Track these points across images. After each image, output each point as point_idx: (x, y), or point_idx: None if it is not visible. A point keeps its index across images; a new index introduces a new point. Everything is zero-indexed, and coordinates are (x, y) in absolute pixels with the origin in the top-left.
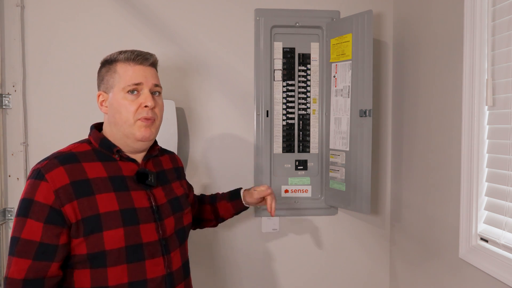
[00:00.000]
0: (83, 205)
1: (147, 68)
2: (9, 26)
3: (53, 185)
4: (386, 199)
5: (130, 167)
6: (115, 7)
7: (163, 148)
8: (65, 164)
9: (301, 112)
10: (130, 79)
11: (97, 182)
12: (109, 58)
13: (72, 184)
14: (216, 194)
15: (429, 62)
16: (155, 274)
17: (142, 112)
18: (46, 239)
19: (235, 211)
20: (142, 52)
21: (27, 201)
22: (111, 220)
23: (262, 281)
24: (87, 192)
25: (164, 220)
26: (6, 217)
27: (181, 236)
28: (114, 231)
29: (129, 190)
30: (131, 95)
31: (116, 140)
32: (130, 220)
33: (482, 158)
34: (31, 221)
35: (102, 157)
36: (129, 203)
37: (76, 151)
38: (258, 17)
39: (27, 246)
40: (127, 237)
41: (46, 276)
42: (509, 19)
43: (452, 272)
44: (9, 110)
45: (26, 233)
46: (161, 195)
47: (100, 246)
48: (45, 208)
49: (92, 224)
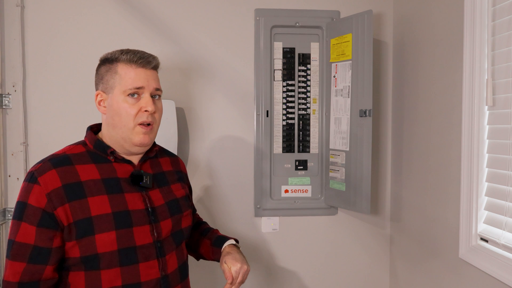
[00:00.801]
0: (74, 208)
1: (149, 71)
2: (9, 26)
3: (45, 188)
4: (386, 199)
5: (125, 168)
6: (115, 7)
7: (165, 149)
8: (57, 167)
9: (301, 112)
10: (132, 82)
11: (89, 185)
12: (109, 57)
13: (64, 187)
14: (209, 229)
15: (429, 62)
16: (149, 277)
17: (142, 116)
18: (39, 242)
19: (213, 257)
20: (144, 54)
21: (21, 204)
22: (103, 223)
23: (262, 281)
24: (79, 195)
25: (160, 222)
26: (6, 217)
27: (178, 239)
28: (105, 234)
29: (123, 192)
30: (132, 98)
31: (112, 141)
32: (123, 223)
33: (482, 158)
34: (25, 225)
35: (96, 158)
36: (122, 206)
37: (70, 153)
38: (258, 17)
39: (22, 249)
40: (119, 240)
41: (41, 279)
42: (509, 19)
43: (452, 272)
44: (9, 110)
45: (20, 236)
46: (158, 196)
47: (92, 249)
48: (37, 212)
49: (84, 227)
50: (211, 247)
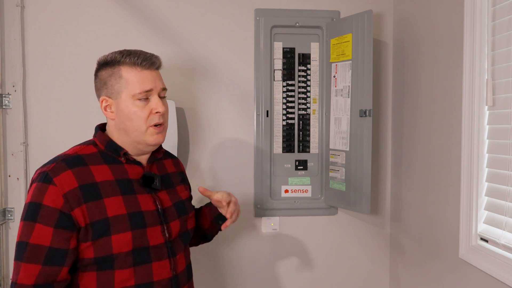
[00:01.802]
0: (91, 209)
1: (154, 72)
2: (9, 26)
3: (62, 189)
4: (386, 199)
5: (135, 170)
6: (115, 7)
7: (166, 151)
8: (73, 168)
9: (301, 112)
10: (140, 86)
11: (104, 186)
12: (109, 60)
13: (81, 188)
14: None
15: (429, 62)
16: (162, 276)
17: (154, 118)
18: (56, 243)
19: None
20: (147, 54)
21: (34, 205)
22: (119, 223)
23: (262, 281)
24: (95, 195)
25: (170, 223)
26: (6, 217)
27: (185, 239)
28: (122, 234)
29: (135, 194)
30: (141, 102)
31: (124, 144)
32: (138, 223)
33: (482, 158)
34: (40, 226)
35: (108, 159)
36: (136, 207)
37: (83, 153)
38: (258, 17)
39: (37, 251)
40: (135, 240)
41: (56, 281)
42: (509, 19)
43: (452, 272)
44: (9, 110)
45: (34, 237)
46: (166, 198)
47: (108, 250)
48: (54, 213)
49: (100, 228)
50: (205, 209)
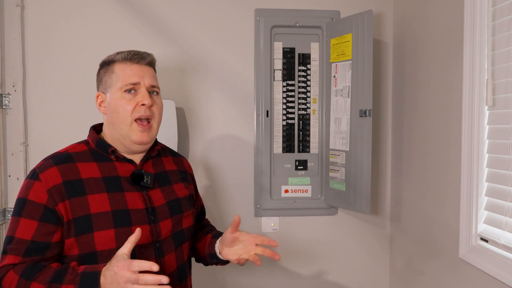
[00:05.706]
0: (74, 205)
1: (144, 67)
2: (9, 26)
3: (46, 184)
4: (386, 199)
5: (126, 167)
6: (115, 7)
7: (169, 149)
8: (59, 164)
9: (301, 112)
10: (127, 78)
11: (89, 182)
12: (107, 60)
13: (65, 184)
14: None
15: (429, 62)
16: None
17: (139, 111)
18: (38, 237)
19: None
20: (139, 51)
21: (21, 201)
22: (102, 220)
23: (262, 281)
24: (79, 192)
25: (160, 222)
26: (6, 217)
27: (179, 239)
28: (104, 232)
29: (123, 191)
30: (128, 94)
31: (114, 140)
32: (122, 221)
33: (482, 158)
34: (24, 220)
35: (98, 157)
36: (122, 204)
37: (73, 151)
38: (258, 17)
39: (19, 244)
40: (118, 238)
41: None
42: (509, 19)
43: (452, 272)
44: (9, 110)
45: (19, 232)
46: (158, 196)
47: (91, 247)
48: (39, 207)
49: (83, 225)
50: (210, 239)
